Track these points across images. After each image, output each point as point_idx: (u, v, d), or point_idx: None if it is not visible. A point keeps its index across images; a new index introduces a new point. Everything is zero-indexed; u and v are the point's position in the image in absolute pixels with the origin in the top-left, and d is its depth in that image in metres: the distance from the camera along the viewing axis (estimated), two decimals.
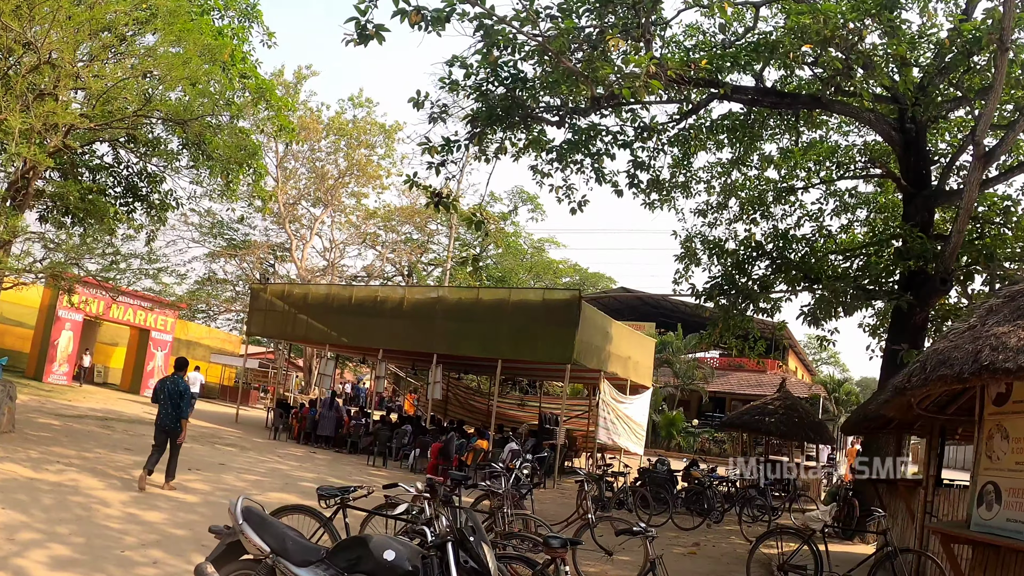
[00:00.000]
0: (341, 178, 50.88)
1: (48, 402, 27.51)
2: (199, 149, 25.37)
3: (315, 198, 52.63)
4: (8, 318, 38.53)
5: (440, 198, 17.59)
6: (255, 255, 52.75)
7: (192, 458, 19.39)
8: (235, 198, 28.54)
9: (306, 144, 50.15)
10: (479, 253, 16.87)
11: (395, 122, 51.77)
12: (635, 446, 30.29)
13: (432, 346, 28.01)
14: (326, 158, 51.22)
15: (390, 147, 51.10)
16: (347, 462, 25.03)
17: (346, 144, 50.08)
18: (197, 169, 26.42)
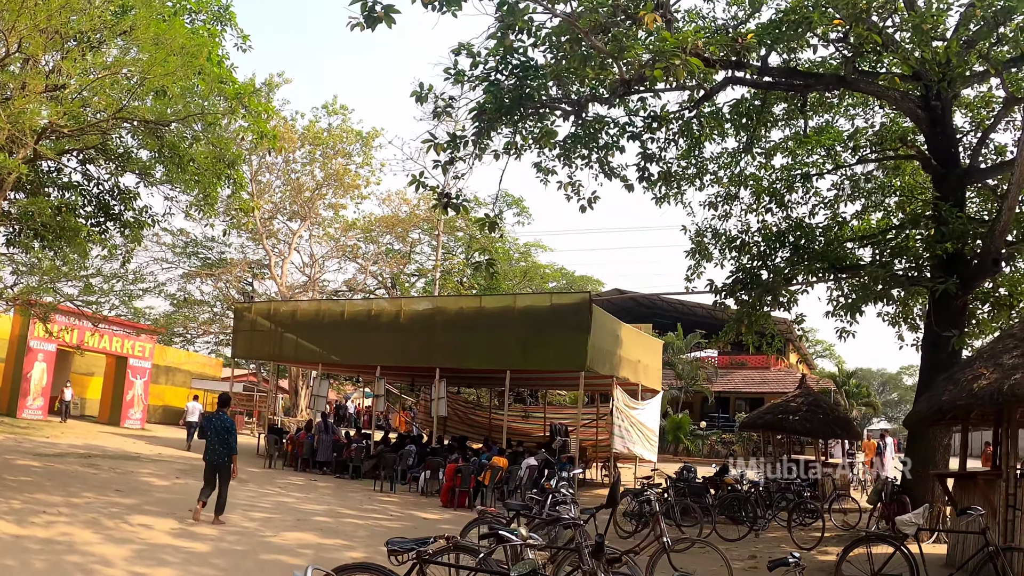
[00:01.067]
0: (318, 189, 49.27)
1: (25, 440, 25.91)
2: (173, 161, 24.13)
3: (291, 212, 51.03)
4: None
5: (448, 199, 16.24)
6: (232, 274, 51.09)
7: (192, 497, 17.83)
8: (214, 212, 27.08)
9: (280, 156, 48.55)
10: (491, 257, 15.68)
11: (372, 128, 50.18)
12: (649, 453, 29.08)
13: (434, 360, 26.63)
14: (301, 169, 49.58)
15: (368, 155, 49.53)
16: (352, 489, 23.56)
17: (322, 154, 48.50)
18: (172, 183, 25.19)
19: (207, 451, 15.08)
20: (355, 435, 29.70)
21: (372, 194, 52.47)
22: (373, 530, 16.09)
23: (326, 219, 52.32)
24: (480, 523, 11.63)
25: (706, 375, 48.70)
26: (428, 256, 58.75)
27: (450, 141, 16.54)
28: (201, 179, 23.85)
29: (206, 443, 15.17)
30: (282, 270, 49.20)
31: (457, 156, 16.80)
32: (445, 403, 27.53)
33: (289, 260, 50.53)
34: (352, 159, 49.29)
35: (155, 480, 20.35)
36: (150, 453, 27.37)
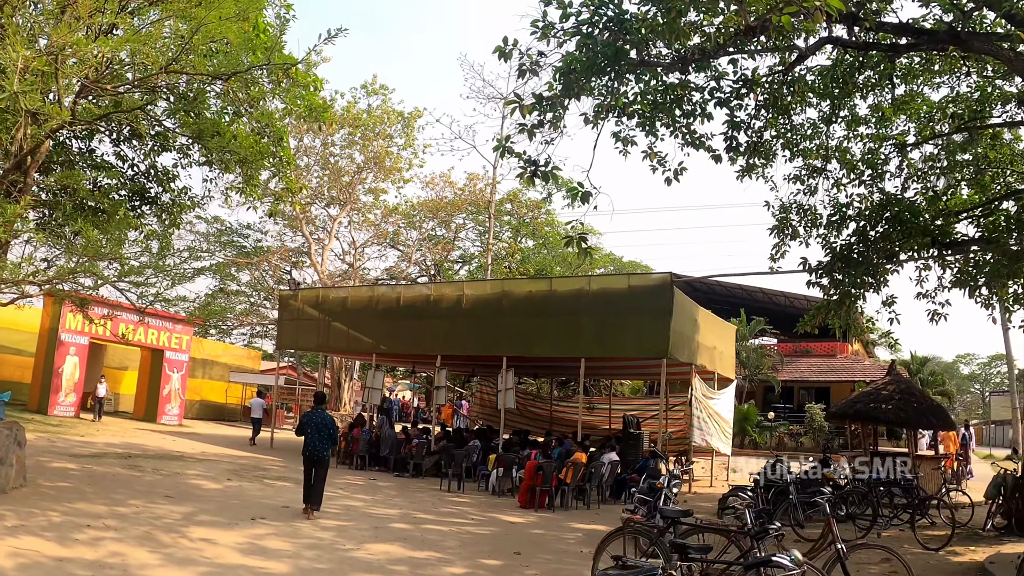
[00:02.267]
0: (358, 173, 47.37)
1: (58, 439, 24.10)
2: (213, 140, 22.48)
3: (329, 198, 49.15)
4: (5, 346, 35.07)
5: (535, 167, 14.08)
6: (270, 262, 49.22)
7: (250, 502, 16.01)
8: (256, 194, 25.27)
9: (319, 138, 46.71)
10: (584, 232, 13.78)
11: (414, 109, 48.21)
12: (725, 446, 27.10)
13: (500, 348, 24.69)
14: (340, 153, 47.66)
15: (410, 136, 47.58)
16: (416, 489, 21.62)
17: (361, 136, 46.54)
18: (211, 164, 23.58)
19: (308, 447, 15.39)
20: (415, 430, 27.73)
21: (415, 177, 50.29)
22: (462, 539, 14.11)
23: (366, 204, 50.47)
24: (626, 532, 9.88)
25: (771, 363, 46.25)
26: (473, 242, 56.83)
27: (536, 103, 14.41)
28: (243, 158, 22.43)
29: (305, 440, 15.48)
30: (322, 258, 47.32)
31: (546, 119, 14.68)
32: (513, 394, 25.47)
33: (329, 248, 48.66)
34: (393, 141, 47.36)
35: (205, 483, 18.44)
36: (193, 452, 25.52)
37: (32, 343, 33.78)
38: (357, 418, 29.43)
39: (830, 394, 47.91)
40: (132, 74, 16.48)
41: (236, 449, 27.77)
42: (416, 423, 31.44)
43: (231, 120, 22.93)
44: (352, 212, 49.83)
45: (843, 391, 47.29)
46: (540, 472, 19.41)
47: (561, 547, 14.23)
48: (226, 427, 39.45)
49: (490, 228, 48.46)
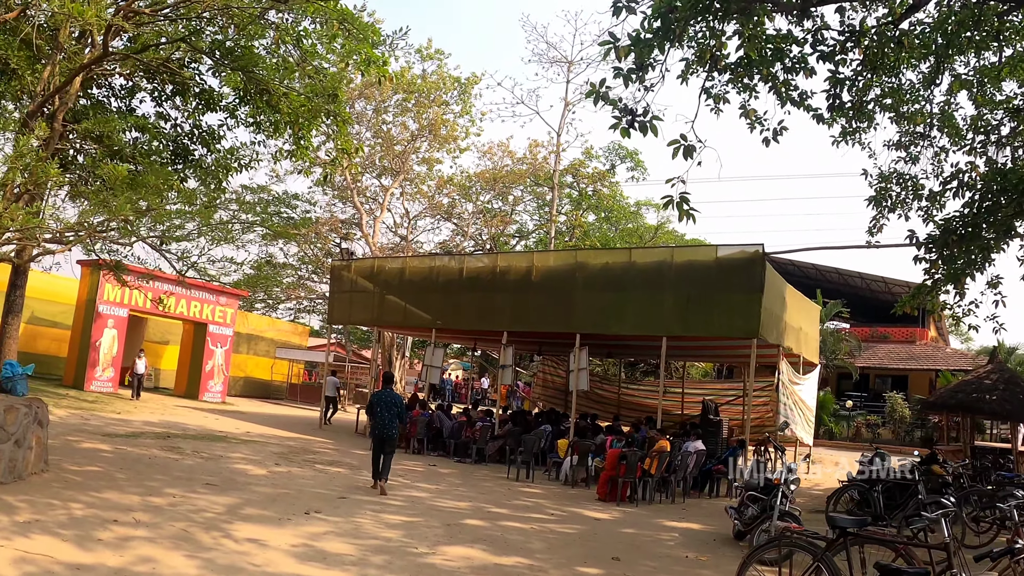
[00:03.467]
0: (411, 142, 45.56)
1: (92, 417, 22.60)
2: (262, 98, 20.97)
3: (381, 168, 47.40)
4: (41, 318, 33.70)
5: (633, 116, 12.09)
6: (319, 234, 47.52)
7: (303, 492, 14.27)
8: (308, 157, 23.65)
9: (371, 105, 44.97)
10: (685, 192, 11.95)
11: (471, 74, 46.29)
12: (808, 436, 25.10)
13: (573, 324, 22.79)
14: (393, 120, 45.87)
15: (467, 103, 45.70)
16: (482, 477, 19.87)
17: (415, 103, 44.69)
18: (260, 126, 22.07)
19: (376, 426, 15.89)
20: (478, 413, 25.93)
21: (471, 146, 48.33)
22: (548, 540, 12.27)
23: (420, 175, 48.65)
24: (782, 544, 7.96)
25: (848, 348, 43.69)
26: (531, 215, 54.87)
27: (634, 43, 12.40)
28: (294, 118, 20.86)
29: (374, 419, 16.02)
30: (373, 229, 45.60)
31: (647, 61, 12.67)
32: (587, 375, 23.59)
33: (381, 219, 46.94)
34: (449, 108, 45.50)
35: (251, 468, 16.74)
36: (237, 432, 23.91)
37: (69, 315, 32.47)
38: (412, 398, 27.74)
39: (908, 383, 45.39)
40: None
41: (283, 429, 26.12)
42: (476, 405, 29.63)
43: (281, 77, 21.42)
44: (405, 183, 48.10)
45: (922, 380, 44.87)
46: (623, 461, 17.53)
47: (661, 551, 12.36)
48: (271, 405, 37.86)
49: (553, 198, 46.44)
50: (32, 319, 33.16)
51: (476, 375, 57.41)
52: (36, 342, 33.38)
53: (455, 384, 55.10)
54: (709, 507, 18.05)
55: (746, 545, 12.70)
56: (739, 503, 13.60)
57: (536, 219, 54.35)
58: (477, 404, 30.33)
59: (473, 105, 45.89)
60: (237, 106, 21.93)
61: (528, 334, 25.84)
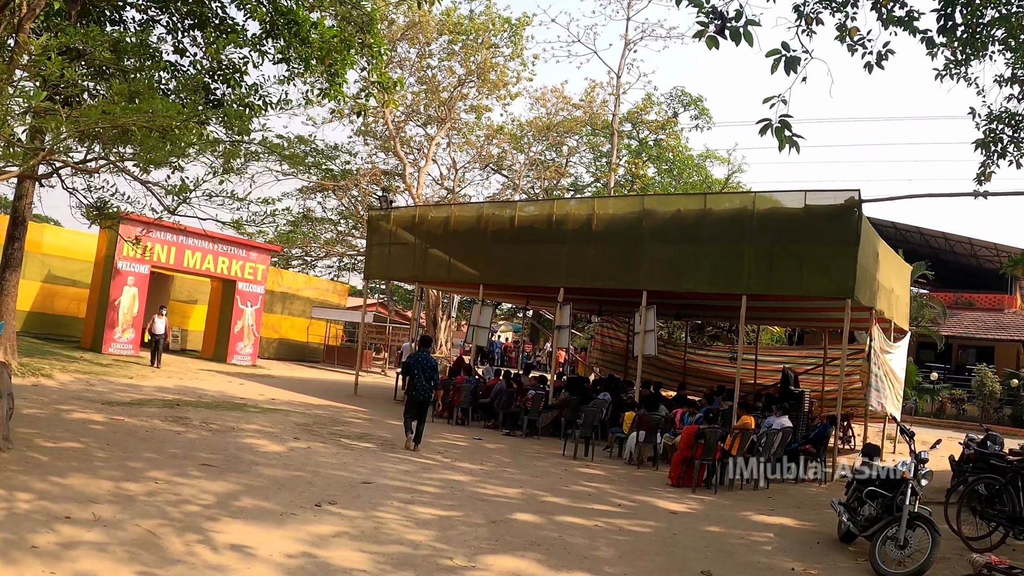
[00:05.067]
0: (459, 88, 43.21)
1: (99, 383, 20.67)
2: (290, 30, 19.18)
3: (426, 116, 45.16)
4: (59, 276, 31.99)
5: (724, 21, 9.66)
6: (359, 186, 45.40)
7: (319, 475, 12.12)
8: (343, 95, 21.66)
9: (414, 48, 42.65)
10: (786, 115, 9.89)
11: (522, 14, 43.78)
12: (896, 411, 22.61)
13: (639, 280, 20.41)
14: (438, 65, 43.56)
15: (518, 45, 43.21)
16: (534, 453, 17.72)
17: (462, 46, 42.31)
18: (288, 62, 20.23)
19: (412, 387, 16.32)
20: (531, 379, 23.67)
21: (523, 92, 45.92)
22: (618, 544, 10.02)
23: (467, 124, 46.32)
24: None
25: (932, 315, 40.66)
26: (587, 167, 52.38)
27: None
28: (325, 50, 19.14)
29: (409, 381, 16.50)
30: (418, 181, 43.36)
31: None
32: (654, 338, 21.19)
33: (426, 171, 44.68)
34: (499, 51, 43.03)
35: (263, 442, 14.61)
36: (260, 399, 21.91)
37: (89, 273, 30.73)
38: (457, 362, 25.60)
39: (994, 354, 42.35)
40: None
41: (313, 396, 24.09)
42: (528, 370, 27.36)
43: (310, 6, 19.61)
44: (452, 132, 45.82)
45: (1009, 352, 41.90)
46: (701, 440, 15.21)
47: (759, 559, 10.06)
48: (306, 369, 35.97)
49: (613, 145, 43.85)
50: (49, 277, 31.62)
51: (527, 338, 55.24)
52: (54, 302, 31.83)
53: (504, 347, 53.02)
54: (798, 495, 15.74)
55: (858, 549, 10.45)
56: (849, 498, 11.29)
57: (592, 171, 51.90)
58: (529, 369, 28.02)
59: (525, 47, 43.54)
60: (263, 40, 20.15)
61: (587, 291, 23.51)
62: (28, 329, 30.37)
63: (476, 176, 50.02)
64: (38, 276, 31.20)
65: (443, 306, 42.38)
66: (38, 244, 30.90)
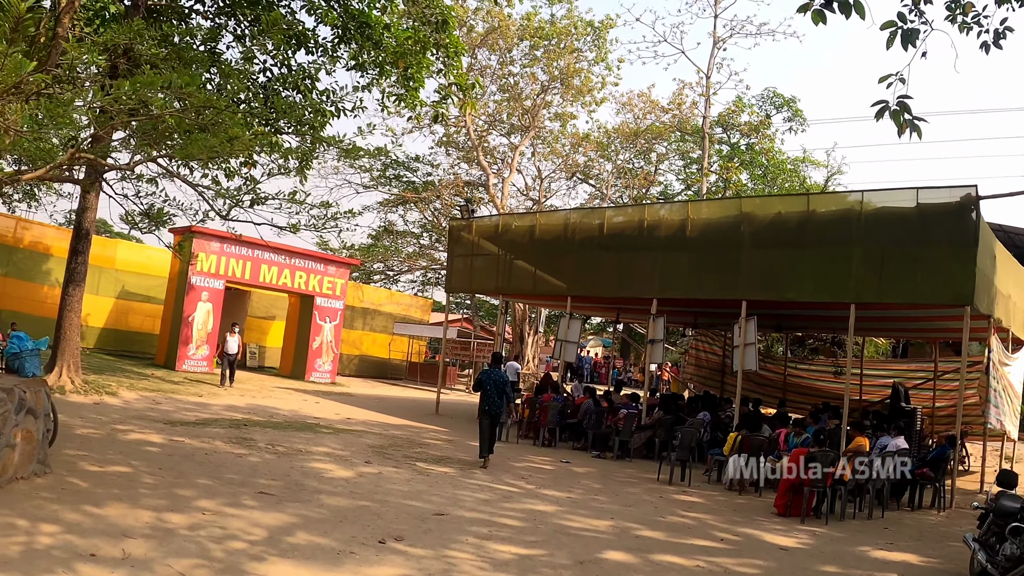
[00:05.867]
0: (541, 95, 42.19)
1: (166, 401, 19.99)
2: (362, 33, 18.52)
3: (509, 125, 44.21)
4: (133, 292, 31.72)
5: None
6: (441, 198, 44.61)
7: (388, 505, 11.04)
8: (419, 100, 20.88)
9: (495, 55, 41.80)
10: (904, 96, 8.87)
11: (605, 17, 42.68)
12: (1014, 428, 20.89)
13: (738, 289, 19.14)
14: (520, 72, 42.59)
15: (602, 49, 42.04)
16: (625, 477, 16.52)
17: (544, 52, 41.27)
18: (362, 67, 19.56)
19: (484, 402, 16.40)
20: (622, 397, 22.43)
21: (609, 97, 44.75)
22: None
23: (552, 131, 45.25)
24: None
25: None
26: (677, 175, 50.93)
27: None
28: (399, 53, 19.22)
29: (482, 396, 16.55)
30: (502, 191, 42.38)
31: None
32: (755, 352, 19.83)
33: (509, 180, 43.72)
34: (582, 55, 41.91)
35: (330, 467, 13.62)
36: (334, 418, 21.03)
37: (161, 289, 30.44)
38: (544, 379, 24.48)
39: None
40: None
41: (391, 415, 23.18)
42: (619, 387, 26.09)
43: (382, 7, 18.92)
44: (536, 141, 44.79)
45: None
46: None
47: None
48: (387, 386, 35.20)
49: (704, 149, 42.37)
50: (123, 293, 31.39)
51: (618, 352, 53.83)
52: (128, 318, 31.62)
53: (594, 363, 51.73)
54: (916, 525, 14.28)
55: None
56: (984, 532, 9.90)
57: (683, 178, 50.47)
58: (620, 386, 26.77)
59: (609, 51, 42.30)
60: (336, 46, 19.55)
61: (681, 302, 22.22)
62: (102, 346, 30.16)
63: (562, 186, 48.94)
64: (112, 292, 30.98)
65: (530, 320, 41.37)
66: (111, 260, 30.70)
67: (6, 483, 9.29)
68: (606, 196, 46.46)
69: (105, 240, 30.25)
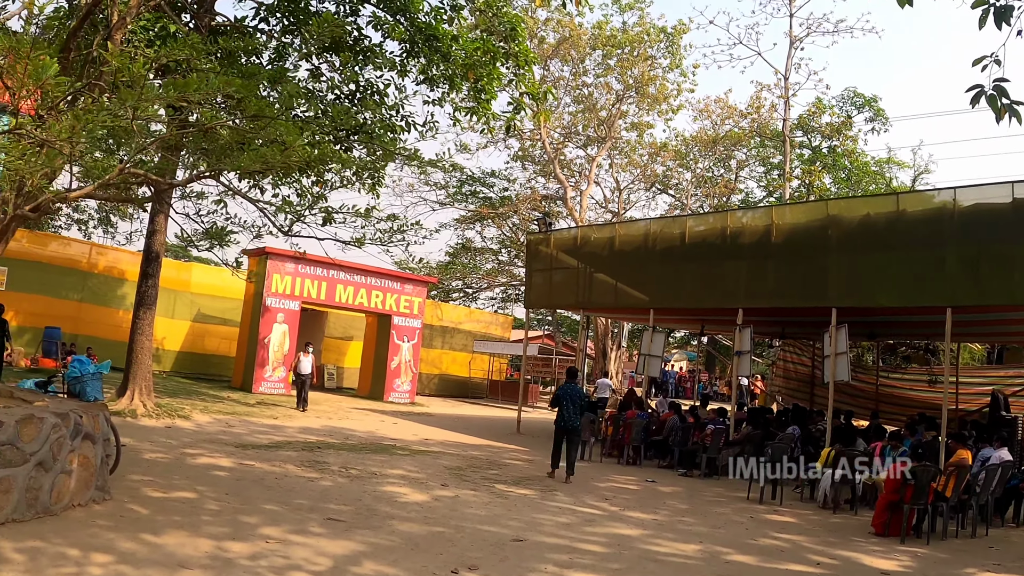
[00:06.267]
0: (617, 105, 41.62)
1: (240, 424, 19.77)
2: (430, 46, 18.30)
3: (585, 137, 43.69)
4: (209, 315, 31.79)
5: None
6: (519, 212, 44.21)
7: (463, 531, 10.50)
8: (491, 112, 20.52)
9: (567, 66, 41.40)
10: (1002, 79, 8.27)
11: (678, 22, 41.99)
12: None
13: (827, 296, 18.34)
14: (594, 82, 42.10)
15: (676, 55, 41.38)
16: (713, 496, 15.82)
17: (617, 61, 40.71)
18: (432, 82, 19.32)
19: (561, 418, 16.46)
20: (709, 412, 21.69)
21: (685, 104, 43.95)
22: None
23: (629, 142, 44.66)
24: None
25: None
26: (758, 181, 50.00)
27: None
28: (469, 64, 19.06)
29: (559, 411, 16.61)
30: (580, 204, 41.84)
31: None
32: (847, 361, 18.95)
33: (588, 193, 43.16)
34: (656, 63, 41.28)
35: (405, 491, 13.14)
36: (412, 439, 20.63)
37: (237, 311, 30.48)
38: (628, 395, 23.83)
39: None
40: None
41: (471, 435, 22.76)
42: (704, 402, 25.30)
43: (449, 18, 18.69)
44: (613, 152, 44.22)
45: None
46: (910, 481, 13.02)
47: None
48: (467, 406, 34.81)
49: (786, 153, 41.30)
50: (199, 316, 31.49)
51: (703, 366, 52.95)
52: (204, 341, 31.72)
53: (679, 377, 50.88)
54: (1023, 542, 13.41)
55: None
56: None
57: (763, 185, 49.50)
58: (706, 401, 25.94)
59: (683, 57, 41.71)
60: (404, 61, 19.36)
61: (767, 311, 21.43)
62: (178, 369, 30.25)
63: (641, 197, 48.31)
64: (188, 315, 31.08)
65: (612, 335, 40.70)
66: (186, 283, 30.83)
67: (61, 510, 8.96)
68: (686, 206, 45.72)
69: (180, 263, 30.35)
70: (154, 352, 28.60)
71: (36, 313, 26.71)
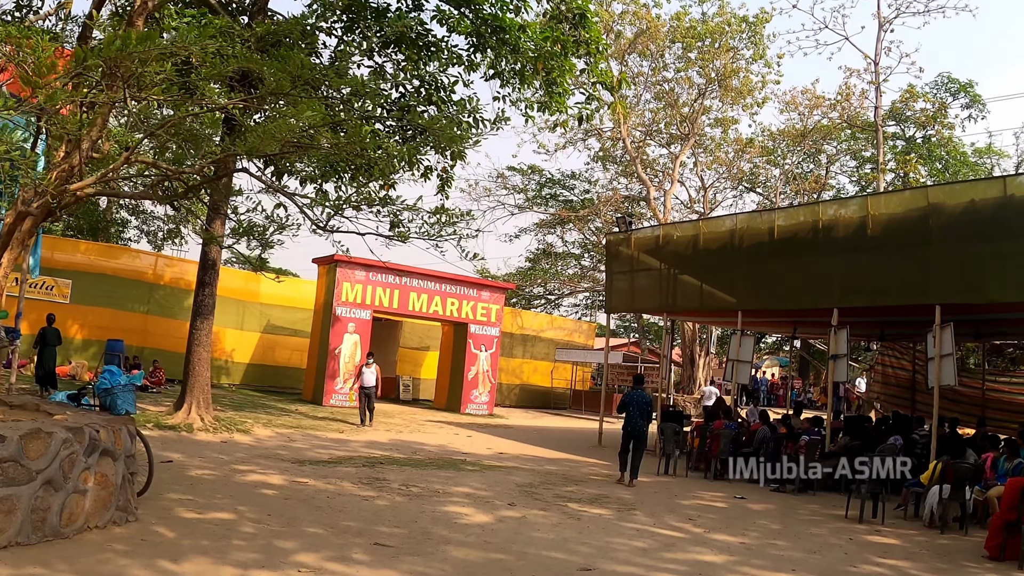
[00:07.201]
0: (700, 99, 40.41)
1: (303, 438, 19.12)
2: (497, 37, 17.58)
3: (668, 135, 42.55)
4: (279, 326, 31.38)
5: None
6: (600, 215, 43.23)
7: (526, 558, 9.53)
8: (564, 106, 19.71)
9: (646, 60, 40.30)
10: None
11: (760, 10, 40.63)
12: None
13: (930, 293, 17.01)
14: (675, 77, 40.91)
15: (760, 45, 40.00)
16: (808, 515, 14.69)
17: (698, 53, 39.48)
18: (501, 77, 18.59)
19: (628, 423, 16.88)
20: (803, 422, 20.46)
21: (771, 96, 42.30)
22: None
23: (713, 139, 43.43)
24: None
25: None
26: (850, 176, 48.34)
27: None
28: (538, 55, 18.25)
29: (627, 416, 17.02)
30: (664, 205, 40.71)
31: None
32: (953, 364, 17.56)
33: (671, 193, 42.00)
34: (739, 54, 39.95)
35: (467, 511, 12.23)
36: (485, 453, 19.80)
37: (308, 322, 30.07)
38: (716, 404, 22.69)
39: None
40: None
41: (550, 448, 21.87)
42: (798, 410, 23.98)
43: (515, 8, 17.97)
44: (697, 150, 43.02)
45: None
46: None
47: None
48: (549, 417, 33.93)
49: (879, 143, 39.51)
50: (269, 327, 31.15)
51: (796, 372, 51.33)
52: (274, 352, 31.40)
53: (771, 384, 49.36)
54: None
55: None
56: None
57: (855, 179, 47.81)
58: (800, 409, 24.56)
59: (767, 47, 40.27)
60: (471, 54, 18.65)
61: (864, 311, 20.08)
62: (248, 381, 29.96)
63: (727, 196, 47.04)
64: (257, 327, 30.74)
65: (700, 341, 39.50)
66: (255, 293, 30.50)
67: (74, 533, 8.23)
68: (775, 204, 44.31)
69: (248, 273, 29.96)
70: (223, 365, 28.29)
71: (101, 326, 26.60)
